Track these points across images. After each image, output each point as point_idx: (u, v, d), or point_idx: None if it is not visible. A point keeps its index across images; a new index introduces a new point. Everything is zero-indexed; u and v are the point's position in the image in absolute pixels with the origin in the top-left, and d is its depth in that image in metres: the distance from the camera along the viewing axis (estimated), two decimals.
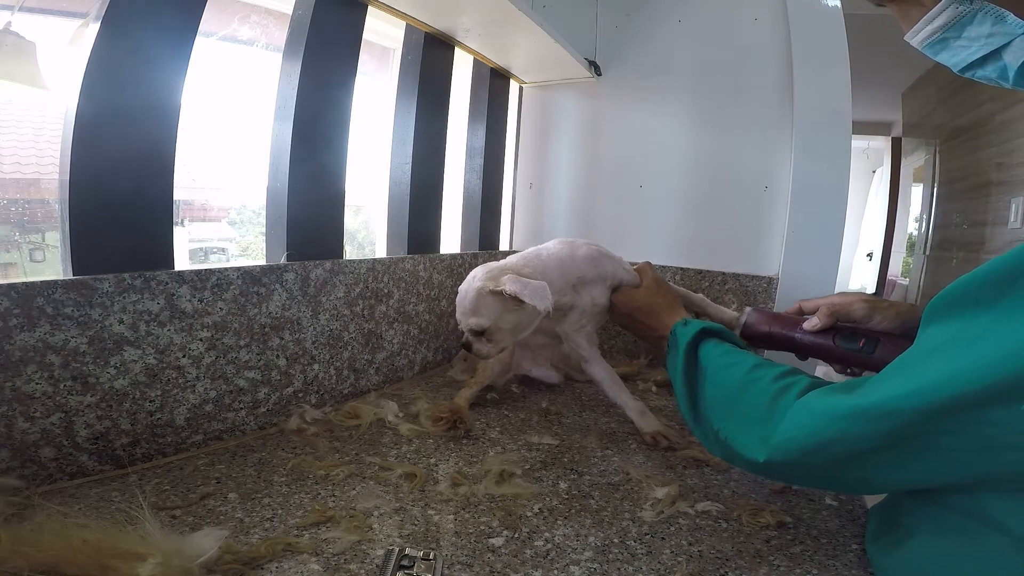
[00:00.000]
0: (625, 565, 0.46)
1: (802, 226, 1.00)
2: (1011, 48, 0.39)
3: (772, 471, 0.45)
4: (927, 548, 0.40)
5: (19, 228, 0.86)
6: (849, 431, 0.38)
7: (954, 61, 0.43)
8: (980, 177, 2.35)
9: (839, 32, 0.96)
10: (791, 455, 0.42)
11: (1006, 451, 0.32)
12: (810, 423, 0.40)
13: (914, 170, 3.48)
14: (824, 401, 0.40)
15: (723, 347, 0.56)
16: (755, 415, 0.46)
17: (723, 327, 0.60)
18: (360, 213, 1.30)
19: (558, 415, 0.82)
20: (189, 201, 1.06)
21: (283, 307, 0.72)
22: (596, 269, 0.78)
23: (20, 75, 0.81)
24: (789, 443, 0.42)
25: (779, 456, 0.42)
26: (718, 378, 0.53)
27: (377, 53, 1.19)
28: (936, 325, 0.36)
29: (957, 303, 0.35)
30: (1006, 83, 0.41)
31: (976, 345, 0.32)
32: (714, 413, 0.52)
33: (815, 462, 0.41)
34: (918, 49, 0.45)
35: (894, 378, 0.37)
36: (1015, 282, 0.31)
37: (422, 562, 0.42)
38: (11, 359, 0.49)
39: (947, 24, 0.41)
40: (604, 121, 1.23)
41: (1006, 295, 0.31)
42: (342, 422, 0.73)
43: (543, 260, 0.77)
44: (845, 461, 0.39)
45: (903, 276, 3.55)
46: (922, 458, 0.36)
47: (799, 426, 0.41)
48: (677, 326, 0.62)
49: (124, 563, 0.38)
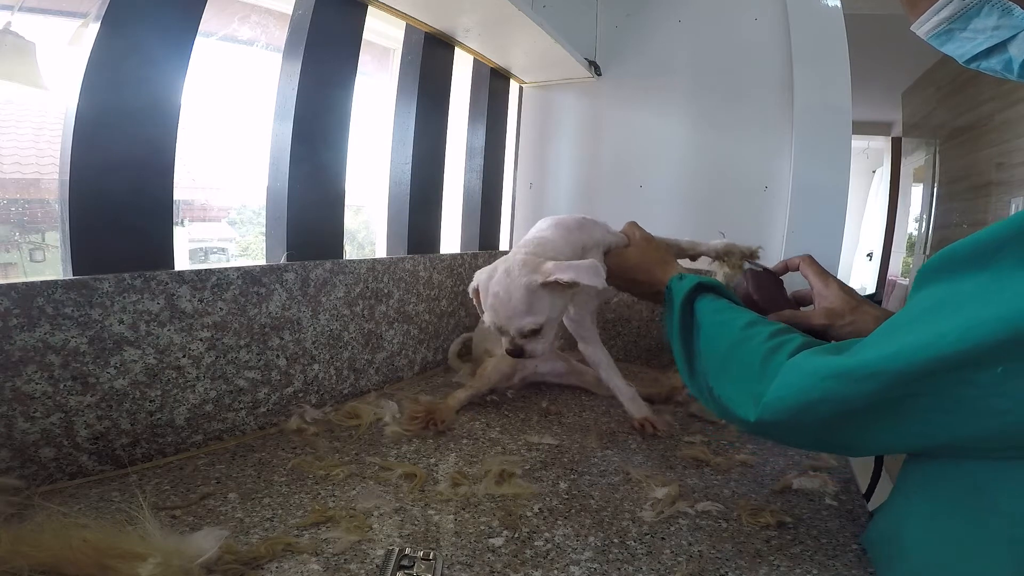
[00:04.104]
0: (625, 565, 0.46)
1: (802, 226, 1.00)
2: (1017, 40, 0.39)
3: (763, 430, 0.45)
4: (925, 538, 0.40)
5: (19, 228, 0.85)
6: (835, 391, 0.38)
7: (959, 52, 0.43)
8: (980, 177, 2.35)
9: (839, 32, 0.96)
10: (780, 414, 0.42)
11: (987, 415, 0.32)
12: (799, 383, 0.41)
13: (914, 170, 3.48)
14: (813, 361, 0.41)
15: (718, 303, 0.57)
16: (747, 373, 0.46)
17: (718, 282, 0.60)
18: (360, 213, 1.30)
19: (558, 415, 0.82)
20: (189, 201, 1.06)
21: (283, 307, 0.72)
22: (589, 235, 0.77)
23: (20, 75, 0.81)
24: (779, 402, 0.42)
25: (769, 415, 0.43)
26: (712, 335, 0.54)
27: (377, 53, 1.19)
28: (925, 289, 0.37)
29: (946, 267, 0.36)
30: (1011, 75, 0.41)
31: (960, 309, 0.33)
32: (709, 370, 0.53)
33: (804, 421, 0.41)
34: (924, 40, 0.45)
35: (882, 340, 0.38)
36: (1001, 249, 0.32)
37: (422, 562, 0.42)
38: (11, 359, 0.49)
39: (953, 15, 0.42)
40: (604, 121, 1.23)
41: (992, 261, 0.32)
42: (342, 422, 0.73)
43: (554, 240, 0.74)
44: (833, 421, 0.39)
45: (903, 276, 3.54)
46: (907, 419, 0.36)
47: (788, 385, 0.42)
48: (672, 281, 0.62)
49: (124, 563, 0.38)
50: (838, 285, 0.62)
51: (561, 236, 0.75)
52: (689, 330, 0.57)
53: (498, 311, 0.68)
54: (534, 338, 0.69)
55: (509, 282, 0.66)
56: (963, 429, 0.34)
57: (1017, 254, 0.31)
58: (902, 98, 3.39)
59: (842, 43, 0.96)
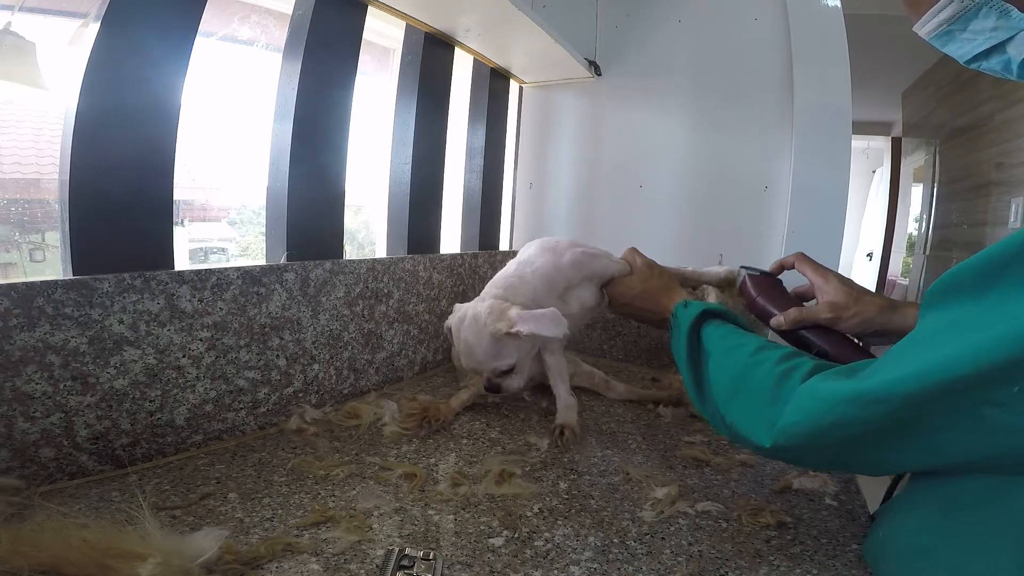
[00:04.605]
0: (625, 565, 0.46)
1: (802, 226, 1.00)
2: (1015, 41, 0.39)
3: (779, 455, 0.46)
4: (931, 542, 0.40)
5: (19, 228, 0.85)
6: (849, 415, 0.38)
7: (960, 53, 0.44)
8: (980, 177, 2.35)
9: (839, 32, 0.96)
10: (795, 439, 0.43)
11: (1001, 433, 0.33)
12: (812, 408, 0.41)
13: (914, 170, 3.48)
14: (826, 386, 0.41)
15: (725, 328, 0.57)
16: (759, 400, 0.47)
17: (724, 308, 0.61)
18: (360, 213, 1.30)
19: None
20: (189, 201, 1.06)
21: (283, 307, 0.72)
22: (582, 273, 0.78)
23: (20, 75, 0.81)
24: (793, 427, 0.42)
25: (784, 441, 0.43)
26: (721, 361, 0.54)
27: (377, 53, 1.19)
28: (933, 311, 0.37)
29: (953, 290, 0.36)
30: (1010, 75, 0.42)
31: (969, 330, 0.33)
32: (719, 397, 0.53)
33: (819, 445, 0.42)
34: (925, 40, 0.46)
35: (893, 363, 0.38)
36: (1005, 270, 0.32)
37: (422, 562, 0.42)
38: (11, 359, 0.49)
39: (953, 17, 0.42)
40: (604, 121, 1.23)
41: (997, 283, 0.33)
42: (342, 422, 0.73)
43: (528, 281, 0.76)
44: (848, 444, 0.40)
45: (903, 276, 3.55)
46: (920, 440, 0.37)
47: (802, 411, 0.42)
48: (678, 308, 0.62)
49: (124, 563, 0.38)
50: (837, 278, 0.62)
51: (540, 277, 0.77)
52: (697, 357, 0.57)
53: (468, 356, 0.74)
54: (509, 375, 0.74)
55: (477, 329, 0.72)
56: (977, 448, 0.35)
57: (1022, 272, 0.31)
58: (902, 98, 3.39)
59: (842, 43, 0.96)
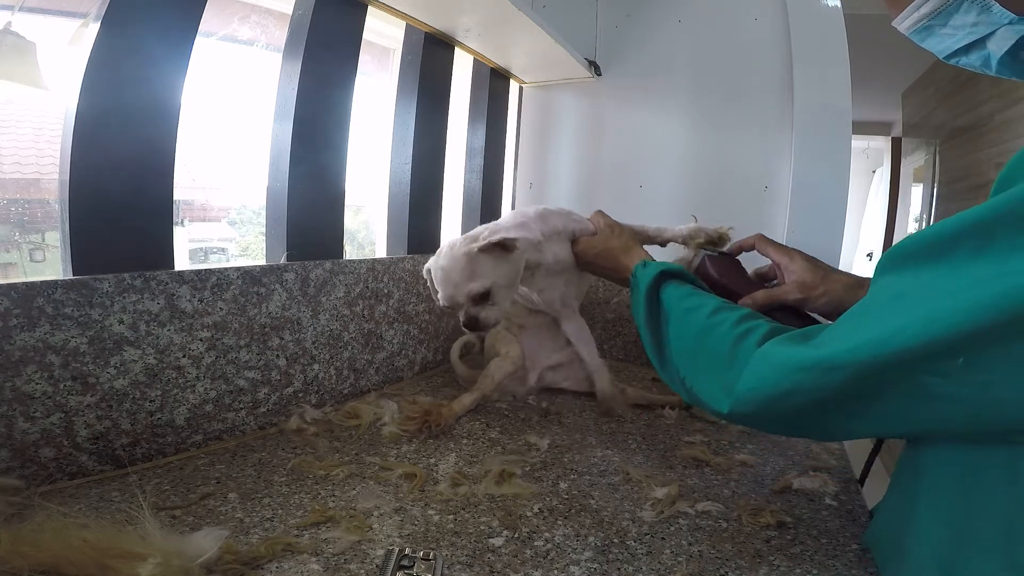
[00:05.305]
0: (625, 565, 0.46)
1: (802, 226, 1.00)
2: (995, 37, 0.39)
3: (737, 420, 0.46)
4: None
5: (19, 228, 0.85)
6: (805, 383, 0.39)
7: (939, 48, 0.44)
8: (980, 177, 2.35)
9: (839, 32, 0.96)
10: (752, 406, 0.43)
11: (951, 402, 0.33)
12: (768, 375, 0.41)
13: (914, 170, 3.48)
14: (782, 351, 0.41)
15: (683, 289, 0.57)
16: (717, 363, 0.47)
17: (682, 268, 0.61)
18: (360, 213, 1.30)
19: (558, 415, 0.82)
20: (189, 201, 1.06)
21: (283, 307, 0.72)
22: (548, 223, 0.80)
23: (20, 75, 0.81)
24: (750, 394, 0.43)
25: (741, 407, 0.44)
26: (680, 323, 0.54)
27: (377, 53, 1.19)
28: (888, 276, 0.38)
29: (909, 257, 0.36)
30: (989, 71, 0.42)
31: (921, 301, 0.34)
32: (679, 360, 0.53)
33: (776, 411, 0.42)
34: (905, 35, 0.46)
35: (846, 330, 0.38)
36: (958, 240, 0.33)
37: (422, 562, 0.42)
38: (11, 359, 0.49)
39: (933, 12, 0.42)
40: (604, 121, 1.23)
41: (951, 252, 0.33)
42: (342, 422, 0.73)
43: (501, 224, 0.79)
44: (805, 410, 0.40)
45: None
46: (875, 407, 0.37)
47: (759, 377, 0.42)
48: (637, 268, 0.63)
49: (124, 563, 0.38)
50: (802, 256, 0.62)
51: (510, 221, 0.79)
52: (656, 319, 0.57)
53: (445, 283, 0.74)
54: (486, 305, 0.73)
55: (452, 255, 0.73)
56: (930, 416, 0.35)
57: (971, 245, 0.32)
58: (902, 98, 3.39)
59: (842, 43, 0.96)
